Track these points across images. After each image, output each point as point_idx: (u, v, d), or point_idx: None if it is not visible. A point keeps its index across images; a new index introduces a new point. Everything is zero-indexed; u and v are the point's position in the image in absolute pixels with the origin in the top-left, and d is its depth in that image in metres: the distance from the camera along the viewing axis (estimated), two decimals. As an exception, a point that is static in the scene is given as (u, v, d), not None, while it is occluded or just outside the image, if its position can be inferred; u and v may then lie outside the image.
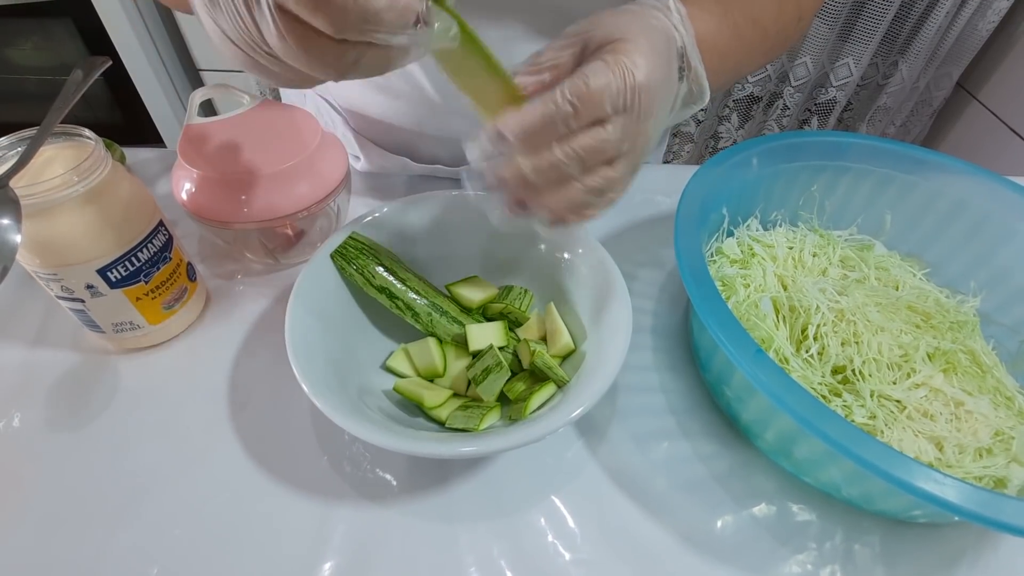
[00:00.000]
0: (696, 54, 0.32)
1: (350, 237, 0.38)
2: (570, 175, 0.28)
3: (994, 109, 1.16)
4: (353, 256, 0.38)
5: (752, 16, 0.38)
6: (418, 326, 0.39)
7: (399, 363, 0.39)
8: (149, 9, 1.25)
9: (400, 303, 0.38)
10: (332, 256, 0.38)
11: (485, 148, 0.28)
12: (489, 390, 0.36)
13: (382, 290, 0.38)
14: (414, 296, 0.38)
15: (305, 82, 0.24)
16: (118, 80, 1.28)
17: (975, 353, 0.38)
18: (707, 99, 0.34)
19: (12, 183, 0.30)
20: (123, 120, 1.37)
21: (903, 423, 0.34)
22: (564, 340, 0.38)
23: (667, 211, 0.54)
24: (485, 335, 0.38)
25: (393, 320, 0.40)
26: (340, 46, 0.21)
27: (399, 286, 0.38)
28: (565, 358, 0.39)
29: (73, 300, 0.35)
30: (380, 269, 0.38)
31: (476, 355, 0.38)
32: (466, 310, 0.41)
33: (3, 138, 0.33)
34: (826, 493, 0.35)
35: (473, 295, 0.40)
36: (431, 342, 0.38)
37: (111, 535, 0.32)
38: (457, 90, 0.29)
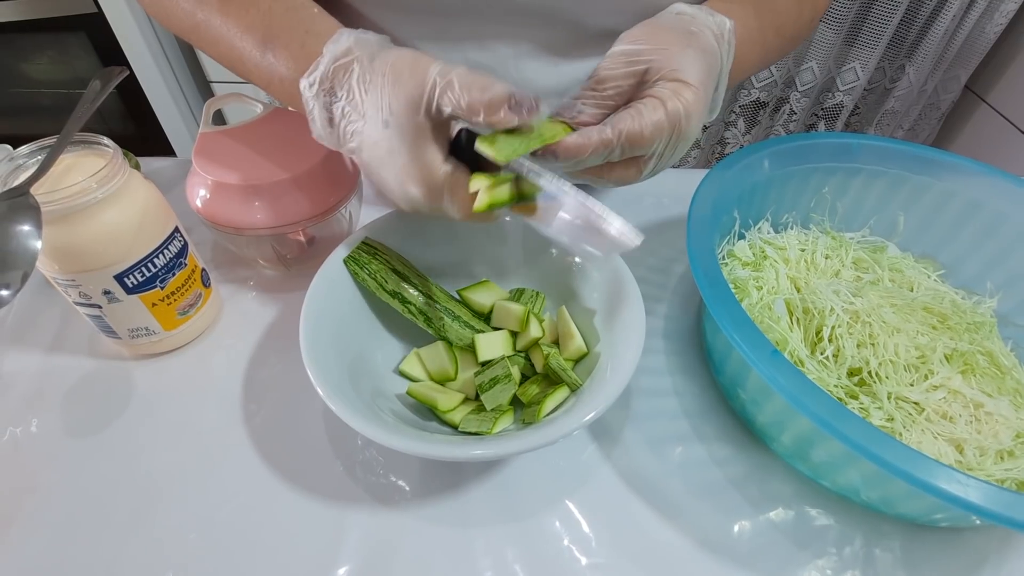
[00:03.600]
0: (726, 81, 0.34)
1: (362, 242, 0.38)
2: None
3: (1003, 111, 1.16)
4: (366, 261, 0.38)
5: (777, 25, 0.39)
6: (430, 331, 0.39)
7: (412, 367, 0.39)
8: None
9: (413, 308, 0.38)
10: (345, 261, 0.38)
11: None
12: (494, 399, 0.35)
13: (395, 295, 0.38)
14: (426, 301, 0.39)
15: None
16: (131, 93, 1.30)
17: (993, 354, 0.37)
18: (717, 113, 0.36)
19: (33, 190, 0.31)
20: (136, 132, 1.40)
21: (922, 425, 0.33)
22: (576, 343, 0.38)
23: (676, 215, 0.54)
24: (493, 345, 0.38)
25: (406, 325, 0.40)
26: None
27: (411, 291, 0.38)
28: (578, 361, 0.38)
29: (90, 306, 0.36)
30: (392, 274, 0.38)
31: (486, 362, 0.39)
32: (478, 315, 0.41)
33: (24, 146, 0.33)
34: (845, 497, 0.34)
35: (485, 300, 0.40)
36: (441, 346, 0.38)
37: (126, 539, 0.32)
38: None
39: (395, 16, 0.41)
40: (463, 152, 0.31)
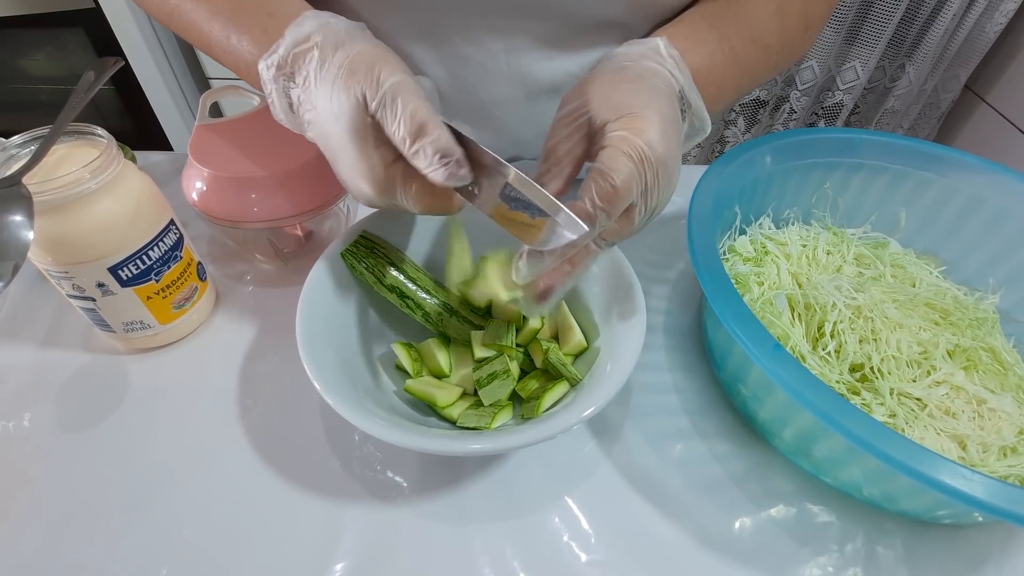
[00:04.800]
0: (695, 93, 0.33)
1: (360, 236, 0.38)
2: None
3: (1003, 111, 1.16)
4: (363, 255, 0.37)
5: (751, 36, 0.37)
6: (428, 325, 0.39)
7: (403, 359, 0.38)
8: (159, 19, 1.26)
9: (411, 302, 0.38)
10: (343, 255, 0.37)
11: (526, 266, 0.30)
12: (491, 395, 0.35)
13: (392, 289, 0.38)
14: (424, 295, 0.38)
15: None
16: (128, 88, 1.29)
17: (996, 350, 0.37)
18: (708, 130, 0.34)
19: (25, 180, 0.30)
20: (133, 127, 1.39)
21: (924, 421, 0.33)
22: (576, 337, 0.37)
23: (677, 211, 0.53)
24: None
25: (404, 320, 0.40)
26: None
27: (410, 285, 0.38)
28: (578, 356, 0.38)
29: (84, 299, 0.35)
30: (391, 268, 0.38)
31: (484, 359, 0.38)
32: (476, 309, 0.40)
33: (17, 136, 0.33)
34: (846, 493, 0.34)
35: (484, 292, 0.40)
36: (433, 342, 0.38)
37: (120, 534, 0.32)
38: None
39: (384, 11, 0.41)
40: None
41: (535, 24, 0.42)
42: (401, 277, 0.38)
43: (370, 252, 0.38)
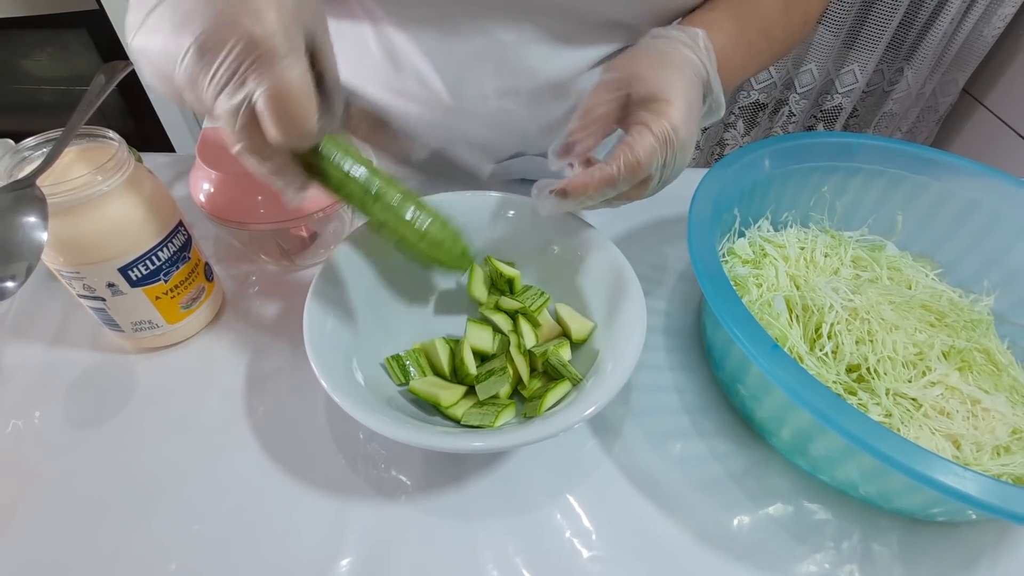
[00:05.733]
0: (717, 80, 0.36)
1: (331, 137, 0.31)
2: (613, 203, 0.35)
3: (1001, 114, 1.16)
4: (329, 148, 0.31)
5: (761, 29, 0.41)
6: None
7: (391, 372, 0.38)
8: (162, 20, 1.27)
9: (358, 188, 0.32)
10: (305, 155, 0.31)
11: (554, 203, 0.35)
12: (487, 391, 0.36)
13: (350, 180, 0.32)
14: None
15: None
16: (131, 90, 1.30)
17: (990, 352, 0.38)
18: (723, 112, 0.37)
19: (39, 182, 0.31)
20: (136, 129, 1.39)
21: (919, 421, 0.34)
22: (580, 323, 0.39)
23: (677, 213, 0.54)
24: (481, 337, 0.39)
25: (410, 318, 0.41)
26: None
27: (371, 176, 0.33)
28: (577, 348, 0.39)
29: (94, 299, 0.36)
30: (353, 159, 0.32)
31: (486, 358, 0.39)
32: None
33: (30, 139, 0.33)
34: (843, 491, 0.35)
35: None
36: (438, 342, 0.39)
37: (129, 532, 0.33)
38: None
39: (391, 1, 0.42)
40: None
41: (544, 19, 0.43)
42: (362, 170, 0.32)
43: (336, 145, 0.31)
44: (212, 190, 0.40)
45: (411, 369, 0.38)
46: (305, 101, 0.25)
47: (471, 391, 0.37)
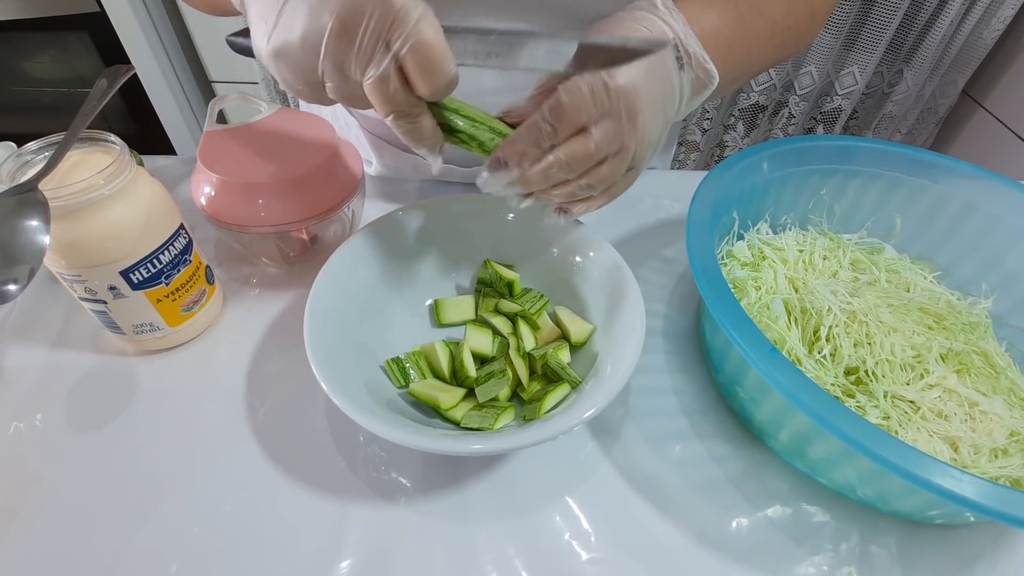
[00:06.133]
0: (694, 41, 0.34)
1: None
2: (564, 178, 0.31)
3: (1000, 116, 1.16)
4: None
5: (758, 9, 0.39)
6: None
7: (391, 375, 0.39)
8: (163, 23, 1.27)
9: (464, 136, 0.33)
10: None
11: (490, 176, 0.32)
12: (487, 393, 0.36)
13: (445, 129, 0.32)
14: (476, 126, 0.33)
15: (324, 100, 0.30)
16: (133, 92, 1.30)
17: (988, 354, 0.38)
18: (716, 82, 0.35)
19: (41, 185, 0.31)
20: (137, 131, 1.40)
21: (917, 423, 0.34)
22: (579, 325, 0.39)
23: (676, 216, 0.54)
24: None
25: (410, 321, 0.41)
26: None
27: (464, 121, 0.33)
28: (575, 350, 0.39)
29: (96, 301, 0.36)
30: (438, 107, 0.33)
31: (485, 361, 0.39)
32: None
33: (32, 142, 0.34)
34: (841, 494, 0.35)
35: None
36: (438, 345, 0.39)
37: (130, 533, 0.33)
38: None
39: None
40: None
41: (538, 16, 0.43)
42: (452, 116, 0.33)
43: None
44: (213, 193, 0.41)
45: (411, 371, 0.38)
46: (444, 50, 0.26)
47: (471, 394, 0.37)
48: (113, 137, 0.35)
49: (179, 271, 0.38)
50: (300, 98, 0.30)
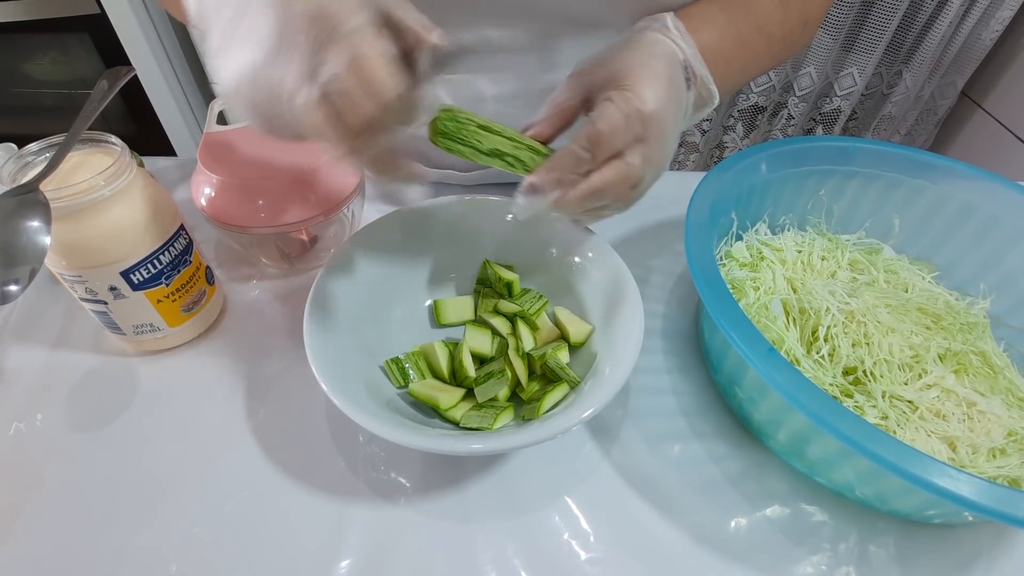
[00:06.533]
0: (700, 62, 0.35)
1: (443, 110, 0.33)
2: (600, 204, 0.32)
3: (999, 117, 1.17)
4: (453, 131, 0.33)
5: (756, 24, 0.40)
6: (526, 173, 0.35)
7: (391, 375, 0.39)
8: (164, 25, 1.27)
9: (511, 159, 0.34)
10: (435, 140, 0.33)
11: (525, 201, 0.32)
12: (486, 393, 0.36)
13: (493, 153, 0.34)
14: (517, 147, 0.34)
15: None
16: (133, 94, 1.30)
17: (986, 354, 0.38)
18: (716, 101, 0.36)
19: (42, 186, 0.31)
20: (137, 132, 1.40)
21: (915, 423, 0.34)
22: (578, 326, 0.39)
23: (675, 216, 0.54)
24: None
25: (409, 321, 0.41)
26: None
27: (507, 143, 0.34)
28: (574, 351, 0.39)
29: (96, 302, 0.36)
30: (484, 132, 0.34)
31: (485, 361, 0.39)
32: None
33: (33, 144, 0.34)
34: (839, 494, 0.35)
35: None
36: (437, 345, 0.39)
37: (130, 533, 0.33)
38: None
39: None
40: None
41: (537, 24, 0.43)
42: (497, 138, 0.34)
43: (461, 125, 0.33)
44: (213, 194, 0.41)
45: (410, 372, 0.38)
46: (382, 63, 0.23)
47: (470, 394, 0.37)
48: (114, 138, 0.35)
49: (179, 272, 0.38)
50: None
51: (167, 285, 0.37)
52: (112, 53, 1.25)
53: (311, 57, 0.23)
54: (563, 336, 0.40)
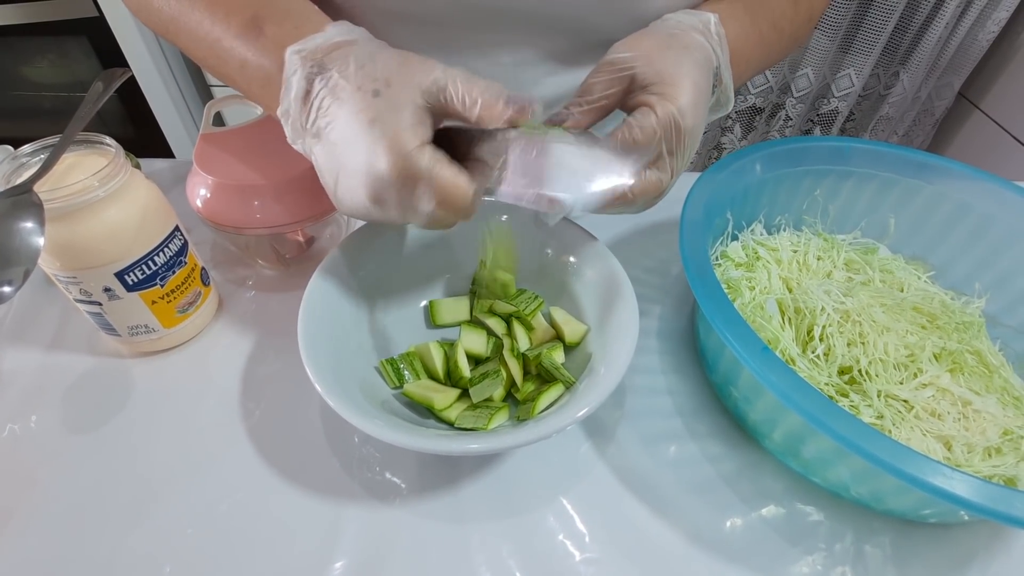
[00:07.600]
0: (728, 71, 0.35)
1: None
2: (632, 211, 0.34)
3: (996, 118, 1.17)
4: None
5: (773, 21, 0.40)
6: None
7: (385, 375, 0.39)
8: (162, 27, 1.28)
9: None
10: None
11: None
12: (481, 394, 0.36)
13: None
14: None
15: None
16: (131, 96, 1.31)
17: (981, 353, 0.38)
18: (731, 107, 0.36)
19: (36, 188, 0.31)
20: (136, 135, 1.40)
21: (911, 423, 0.34)
22: (573, 326, 0.39)
23: (671, 216, 0.54)
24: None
25: (405, 322, 0.41)
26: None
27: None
28: (570, 351, 0.39)
29: (91, 303, 0.36)
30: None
31: (480, 362, 0.39)
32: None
33: (27, 145, 0.34)
34: (835, 493, 0.35)
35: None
36: (432, 346, 0.39)
37: (125, 535, 0.33)
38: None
39: (397, 24, 0.42)
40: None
41: (544, 40, 0.43)
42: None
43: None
44: (209, 195, 0.41)
45: (405, 372, 0.38)
46: (461, 191, 0.28)
47: (465, 394, 0.37)
48: (108, 139, 0.35)
49: (174, 273, 0.38)
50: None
51: (162, 286, 0.37)
52: (110, 56, 1.26)
53: (406, 201, 0.29)
54: (558, 336, 0.40)
